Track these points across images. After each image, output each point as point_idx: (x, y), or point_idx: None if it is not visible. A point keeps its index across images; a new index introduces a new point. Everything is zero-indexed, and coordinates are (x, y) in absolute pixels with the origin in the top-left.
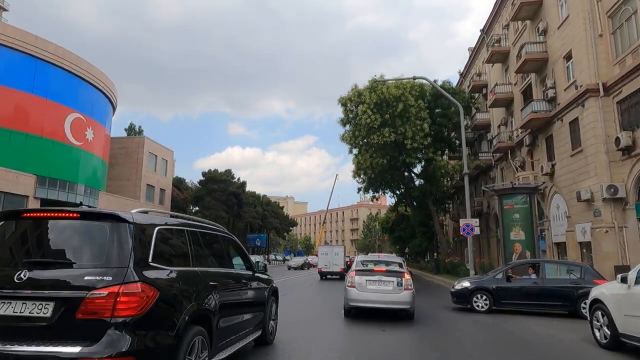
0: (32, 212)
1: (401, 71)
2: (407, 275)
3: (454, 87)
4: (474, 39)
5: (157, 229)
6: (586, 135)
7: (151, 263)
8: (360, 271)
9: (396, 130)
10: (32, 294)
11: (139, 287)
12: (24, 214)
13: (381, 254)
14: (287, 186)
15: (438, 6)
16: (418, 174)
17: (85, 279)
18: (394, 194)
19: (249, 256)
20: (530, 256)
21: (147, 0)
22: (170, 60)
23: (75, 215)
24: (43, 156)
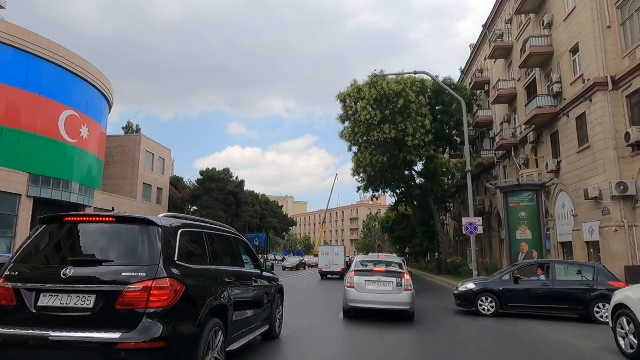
0: (73, 216)
1: (401, 70)
2: (407, 276)
3: (455, 84)
4: (475, 37)
5: (180, 231)
6: (594, 130)
7: (177, 261)
8: (359, 271)
9: (397, 126)
10: (76, 288)
11: (168, 283)
12: (65, 219)
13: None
14: (287, 186)
15: (438, 6)
16: (419, 172)
17: (122, 275)
18: (394, 193)
19: (257, 256)
20: (537, 256)
21: (148, 0)
22: (170, 60)
23: (111, 219)
24: (36, 154)
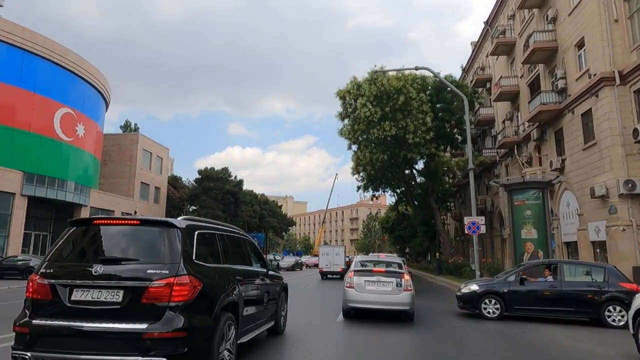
0: (101, 219)
1: (401, 67)
2: (407, 276)
3: (457, 81)
4: (475, 37)
5: (197, 232)
6: (600, 127)
7: (195, 260)
8: (359, 271)
9: (397, 124)
10: (106, 284)
11: (188, 279)
12: (94, 221)
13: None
14: (287, 186)
15: (438, 6)
16: (419, 170)
17: (147, 272)
18: (394, 192)
19: (263, 256)
20: (543, 256)
21: (148, 0)
22: (170, 60)
23: (136, 222)
24: (31, 152)
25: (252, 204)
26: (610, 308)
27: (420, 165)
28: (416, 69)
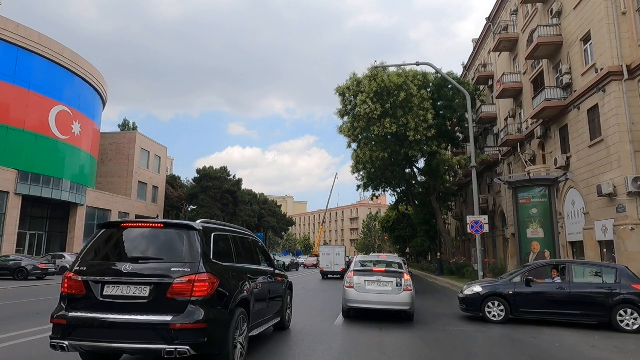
0: (129, 222)
1: (402, 64)
2: (407, 276)
3: (458, 78)
4: (476, 36)
5: (213, 234)
6: (608, 123)
7: (212, 259)
8: (358, 271)
9: (398, 121)
10: (134, 280)
11: (207, 277)
12: (122, 224)
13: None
14: (288, 186)
15: (438, 6)
16: (421, 169)
17: (172, 270)
18: (394, 191)
19: (270, 256)
20: (550, 256)
21: (148, 1)
22: (170, 60)
23: (160, 225)
24: (25, 150)
25: (251, 204)
26: (623, 311)
27: (421, 163)
28: (417, 64)
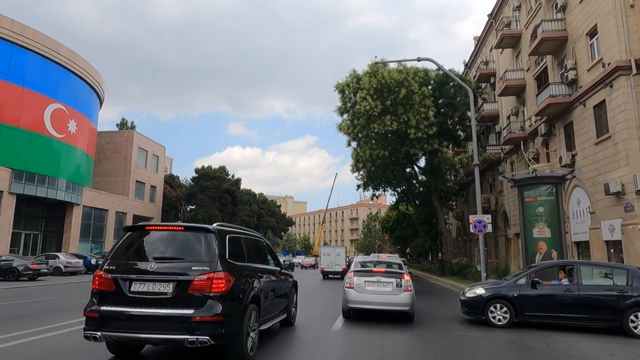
0: (152, 226)
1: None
2: (407, 276)
3: (460, 75)
4: (477, 35)
5: (228, 236)
6: (615, 119)
7: (228, 259)
8: (358, 272)
9: (398, 118)
10: (159, 278)
11: (224, 275)
12: (146, 227)
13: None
14: (288, 186)
15: (439, 6)
16: (421, 168)
17: (192, 268)
18: (394, 191)
19: (277, 256)
20: (557, 256)
21: (148, 1)
22: (170, 60)
23: (180, 228)
24: (20, 148)
25: (250, 204)
26: (634, 316)
27: (421, 162)
28: (418, 60)
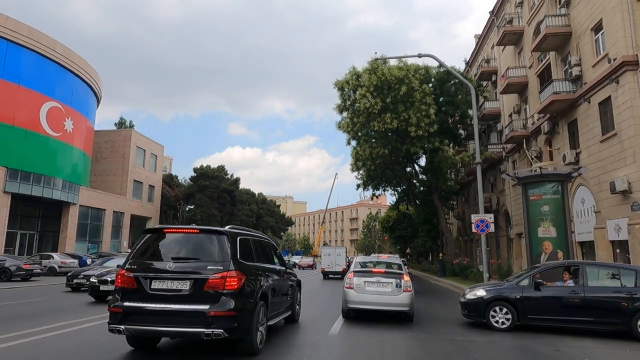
0: (170, 229)
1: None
2: (406, 277)
3: (462, 73)
4: (477, 35)
5: (239, 237)
6: (622, 116)
7: (239, 259)
8: (358, 272)
9: (399, 116)
10: (177, 276)
11: (236, 273)
12: (164, 230)
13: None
14: (288, 186)
15: (438, 6)
16: (422, 167)
17: (207, 268)
18: (394, 191)
19: (282, 256)
20: (563, 257)
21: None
22: (170, 60)
23: (196, 231)
24: (14, 147)
25: (249, 203)
26: None
27: (422, 161)
28: (419, 56)
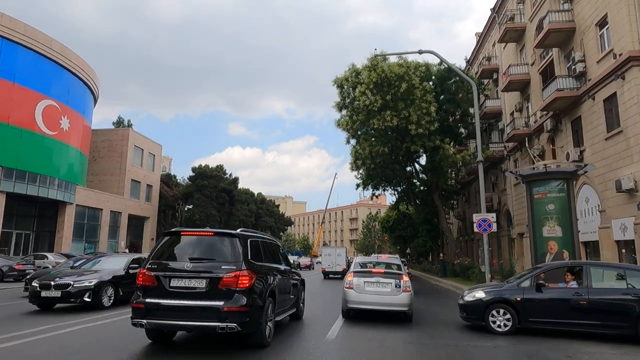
0: (187, 231)
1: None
2: (406, 277)
3: (462, 70)
4: (476, 35)
5: (249, 239)
6: (628, 112)
7: (250, 260)
8: (358, 272)
9: (399, 113)
10: (194, 275)
11: (247, 273)
12: (181, 233)
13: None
14: (288, 186)
15: (438, 6)
16: (423, 166)
17: (221, 267)
18: (394, 190)
19: (287, 257)
20: (569, 257)
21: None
22: (170, 60)
23: (211, 233)
24: (9, 146)
25: (248, 203)
26: None
27: (422, 160)
28: (420, 52)
